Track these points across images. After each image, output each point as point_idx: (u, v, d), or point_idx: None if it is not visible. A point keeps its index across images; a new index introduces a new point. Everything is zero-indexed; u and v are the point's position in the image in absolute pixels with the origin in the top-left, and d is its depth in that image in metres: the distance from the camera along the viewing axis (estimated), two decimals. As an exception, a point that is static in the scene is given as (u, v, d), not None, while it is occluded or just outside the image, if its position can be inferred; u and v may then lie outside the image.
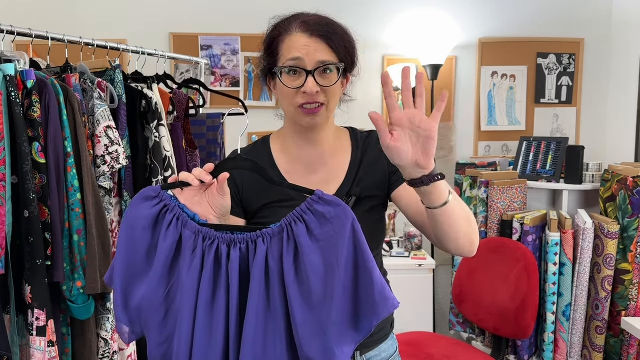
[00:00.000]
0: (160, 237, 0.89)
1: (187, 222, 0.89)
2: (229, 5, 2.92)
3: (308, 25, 1.02)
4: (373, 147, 1.14)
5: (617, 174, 2.25)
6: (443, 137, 3.09)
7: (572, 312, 2.31)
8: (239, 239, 0.87)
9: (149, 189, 0.92)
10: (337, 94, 1.07)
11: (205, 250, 0.87)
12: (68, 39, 1.69)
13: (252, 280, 0.84)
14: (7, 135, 1.29)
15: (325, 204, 0.84)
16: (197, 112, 2.29)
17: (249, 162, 0.94)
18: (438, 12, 2.99)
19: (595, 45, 3.08)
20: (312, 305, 0.82)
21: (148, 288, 0.89)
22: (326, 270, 0.82)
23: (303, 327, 0.82)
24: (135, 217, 0.90)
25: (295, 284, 0.83)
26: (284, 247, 0.85)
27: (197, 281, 0.86)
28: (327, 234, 0.83)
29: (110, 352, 1.58)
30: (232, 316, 0.85)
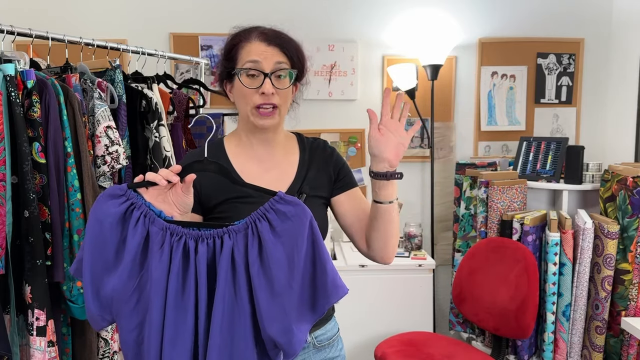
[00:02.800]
0: (128, 233, 0.95)
1: (154, 219, 0.95)
2: (229, 5, 2.92)
3: (266, 35, 1.14)
4: (321, 152, 1.27)
5: (617, 174, 2.25)
6: (443, 137, 3.09)
7: (572, 312, 2.31)
8: (206, 234, 0.95)
9: (115, 187, 0.96)
10: (289, 98, 1.19)
11: (173, 245, 0.94)
12: (68, 39, 1.69)
13: (219, 271, 0.93)
14: (7, 135, 1.29)
15: (286, 204, 0.94)
16: (197, 112, 2.29)
17: (215, 165, 1.03)
18: (438, 12, 2.99)
19: (595, 45, 3.08)
20: (274, 292, 0.92)
21: (118, 280, 0.94)
22: (287, 262, 0.93)
23: (266, 311, 0.92)
24: (103, 214, 0.95)
25: (259, 275, 0.92)
26: (249, 242, 0.94)
27: (166, 273, 0.93)
28: (288, 230, 0.93)
29: (110, 352, 1.58)
30: (201, 303, 0.93)
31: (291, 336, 0.93)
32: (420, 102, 2.97)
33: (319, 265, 0.95)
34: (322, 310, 0.97)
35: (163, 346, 0.92)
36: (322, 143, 1.31)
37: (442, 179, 3.10)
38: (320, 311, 0.97)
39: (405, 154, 3.05)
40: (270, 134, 1.21)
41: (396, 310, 2.63)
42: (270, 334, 0.93)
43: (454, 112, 3.10)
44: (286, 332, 0.93)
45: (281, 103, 1.15)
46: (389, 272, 2.63)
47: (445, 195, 3.11)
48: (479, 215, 2.58)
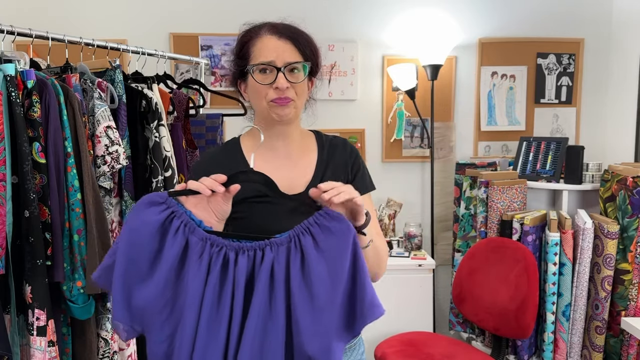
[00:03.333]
0: (167, 242, 0.92)
1: (194, 229, 0.93)
2: (229, 5, 2.92)
3: (276, 29, 1.13)
4: (340, 151, 1.23)
5: (617, 174, 2.25)
6: (443, 137, 3.09)
7: (571, 312, 2.31)
8: (247, 246, 0.93)
9: (155, 194, 0.95)
10: (304, 93, 1.16)
11: (213, 256, 0.92)
12: (68, 39, 1.69)
13: (258, 283, 0.91)
14: (7, 135, 1.29)
15: (330, 219, 0.93)
16: (197, 112, 2.29)
17: (260, 176, 1.00)
18: (438, 12, 2.99)
19: (595, 45, 3.08)
20: (315, 308, 0.90)
21: (154, 290, 0.92)
22: (330, 278, 0.91)
23: (306, 328, 0.89)
24: (141, 222, 0.92)
25: (301, 290, 0.90)
26: (292, 255, 0.92)
27: (203, 284, 0.91)
28: (331, 246, 0.92)
29: (110, 352, 1.58)
30: (236, 316, 0.91)
31: (330, 355, 0.91)
32: (420, 102, 2.97)
33: (359, 283, 0.93)
34: (358, 330, 0.94)
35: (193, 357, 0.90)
36: (342, 141, 1.27)
37: (442, 179, 3.10)
38: (357, 331, 0.94)
39: (405, 154, 3.07)
40: (287, 127, 1.17)
41: (396, 310, 2.63)
42: (309, 351, 0.90)
43: (454, 112, 3.10)
44: (326, 351, 0.90)
45: (297, 97, 1.12)
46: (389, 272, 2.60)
47: (445, 195, 3.11)
48: (479, 215, 2.58)
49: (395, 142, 3.06)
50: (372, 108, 3.04)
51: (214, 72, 2.94)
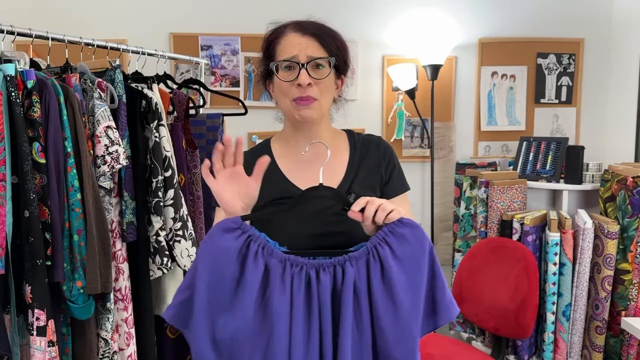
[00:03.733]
0: (248, 267, 0.91)
1: (272, 251, 0.93)
2: (229, 5, 2.92)
3: (301, 26, 1.12)
4: (374, 150, 1.20)
5: (617, 174, 2.25)
6: (443, 137, 3.09)
7: (572, 312, 2.31)
8: (327, 263, 0.93)
9: (227, 220, 0.94)
10: (330, 90, 1.13)
11: (294, 276, 0.92)
12: (68, 39, 1.69)
13: (344, 301, 0.91)
14: (7, 135, 1.29)
15: (404, 226, 0.94)
16: (197, 112, 2.29)
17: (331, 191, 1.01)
18: (438, 12, 2.99)
19: (595, 45, 3.08)
20: (399, 317, 0.91)
21: (240, 319, 0.90)
22: (410, 286, 0.92)
23: (392, 335, 0.91)
24: (219, 250, 0.92)
25: (384, 300, 0.91)
26: (371, 268, 0.92)
27: (289, 306, 0.91)
28: (408, 253, 0.93)
29: (110, 352, 1.58)
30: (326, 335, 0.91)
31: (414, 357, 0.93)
32: (420, 102, 2.96)
33: (439, 286, 0.96)
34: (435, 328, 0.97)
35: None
36: (376, 140, 1.24)
37: (442, 179, 3.10)
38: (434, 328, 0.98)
39: (405, 154, 3.07)
40: (314, 128, 1.15)
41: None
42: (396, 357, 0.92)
43: (454, 112, 3.10)
44: (411, 354, 0.92)
45: (320, 95, 1.09)
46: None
47: (445, 195, 3.11)
48: (479, 215, 2.58)
49: (395, 142, 3.06)
50: (372, 108, 3.04)
51: (214, 72, 2.94)
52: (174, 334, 1.98)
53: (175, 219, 1.75)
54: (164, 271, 1.72)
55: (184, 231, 1.76)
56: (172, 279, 1.82)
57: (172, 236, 1.75)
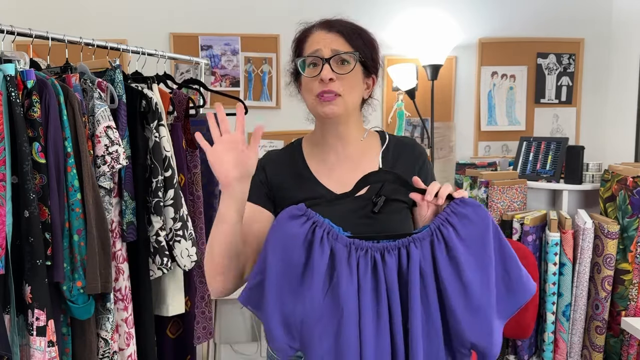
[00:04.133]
0: (315, 252, 0.93)
1: (337, 236, 0.94)
2: (229, 5, 2.92)
3: (328, 24, 1.12)
4: (409, 153, 1.18)
5: (617, 174, 2.25)
6: (443, 137, 3.09)
7: (572, 312, 2.31)
8: (391, 246, 0.94)
9: (292, 208, 0.96)
10: (355, 87, 1.11)
11: (360, 259, 0.93)
12: (68, 39, 1.69)
13: (412, 283, 0.92)
14: (7, 135, 1.29)
15: (465, 205, 0.94)
16: (197, 112, 2.29)
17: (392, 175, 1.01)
18: (438, 12, 2.99)
19: (595, 45, 3.08)
20: (469, 296, 0.91)
21: (310, 302, 0.92)
22: (478, 264, 0.92)
23: (464, 316, 0.91)
24: (287, 236, 0.94)
25: (451, 280, 0.91)
26: (436, 249, 0.92)
27: (357, 289, 0.92)
28: (472, 232, 0.93)
29: (110, 352, 1.58)
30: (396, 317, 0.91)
31: (491, 338, 0.92)
32: (420, 102, 2.96)
33: (509, 262, 0.95)
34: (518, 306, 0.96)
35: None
36: (411, 142, 1.22)
37: (442, 179, 3.10)
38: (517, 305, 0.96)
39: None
40: (342, 127, 1.13)
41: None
42: (471, 339, 0.92)
43: (454, 112, 3.10)
44: (487, 336, 0.92)
45: (344, 90, 1.07)
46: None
47: (445, 195, 3.10)
48: (479, 215, 2.58)
49: (395, 142, 3.05)
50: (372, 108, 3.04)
51: (214, 72, 2.94)
52: (174, 334, 1.98)
53: (175, 219, 1.75)
54: (164, 271, 1.72)
55: (184, 231, 1.76)
56: (172, 279, 1.82)
57: (172, 236, 1.75)
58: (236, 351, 3.07)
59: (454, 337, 0.93)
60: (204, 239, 2.01)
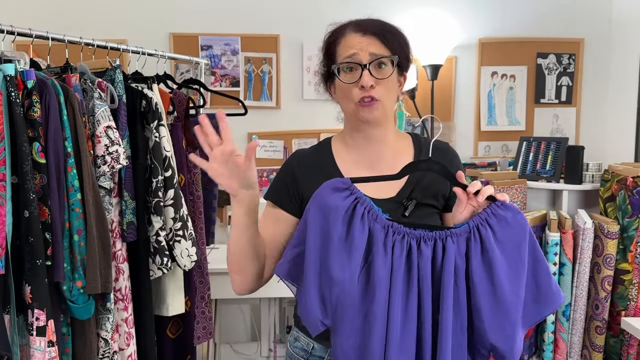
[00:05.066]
0: (355, 228, 0.92)
1: (377, 216, 0.94)
2: (229, 5, 2.92)
3: (361, 26, 1.10)
4: (441, 156, 1.13)
5: (617, 174, 2.25)
6: (443, 137, 3.09)
7: (571, 312, 2.31)
8: (428, 235, 0.93)
9: (337, 180, 0.95)
10: (393, 89, 1.10)
11: (395, 243, 0.92)
12: (68, 39, 1.69)
13: (445, 275, 0.91)
14: (7, 135, 1.29)
15: (506, 209, 0.95)
16: (197, 112, 2.29)
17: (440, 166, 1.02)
18: (438, 12, 2.99)
19: (595, 45, 3.08)
20: (498, 299, 0.91)
21: (348, 278, 0.91)
22: (510, 269, 0.92)
23: (490, 318, 0.91)
24: (328, 207, 0.92)
25: (483, 281, 0.91)
26: (472, 247, 0.92)
27: (390, 272, 0.91)
28: (509, 237, 0.93)
29: (110, 352, 1.58)
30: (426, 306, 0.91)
31: (513, 344, 0.92)
32: (420, 102, 2.96)
33: (542, 272, 0.95)
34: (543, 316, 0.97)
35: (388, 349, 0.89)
36: (445, 146, 1.19)
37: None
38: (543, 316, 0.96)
39: (405, 154, 3.06)
40: (376, 130, 1.12)
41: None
42: (492, 341, 0.91)
43: (454, 112, 3.10)
44: (509, 340, 0.92)
45: (384, 95, 1.06)
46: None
47: (445, 195, 3.11)
48: (479, 215, 2.58)
49: (395, 142, 3.05)
50: (372, 108, 3.04)
51: (214, 72, 2.94)
52: (174, 334, 1.98)
53: (175, 219, 1.75)
54: (164, 271, 1.72)
55: (184, 231, 1.77)
56: (172, 279, 1.82)
57: (172, 236, 1.75)
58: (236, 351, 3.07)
59: (476, 337, 0.93)
60: (204, 239, 2.01)
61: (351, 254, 0.91)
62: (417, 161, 1.02)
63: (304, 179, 1.12)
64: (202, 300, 2.06)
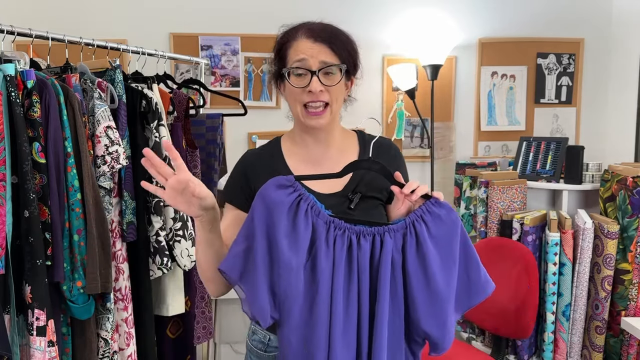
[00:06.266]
0: (299, 224, 0.97)
1: (319, 212, 0.99)
2: (229, 5, 2.92)
3: (312, 32, 1.12)
4: (384, 153, 1.20)
5: (617, 174, 2.25)
6: (443, 137, 3.09)
7: (571, 312, 2.31)
8: (367, 231, 0.99)
9: (281, 178, 1.00)
10: (341, 95, 1.15)
11: (337, 238, 0.98)
12: (68, 39, 1.69)
13: (383, 269, 0.97)
14: (7, 135, 1.30)
15: (440, 207, 1.01)
16: (197, 112, 2.29)
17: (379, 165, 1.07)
18: (438, 12, 2.99)
19: (595, 45, 3.08)
20: (432, 290, 0.98)
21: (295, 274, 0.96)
22: (443, 262, 0.99)
23: (424, 308, 0.98)
24: (272, 202, 0.97)
25: (418, 274, 0.98)
26: (407, 241, 0.99)
27: (332, 265, 0.97)
28: (443, 232, 0.99)
29: (110, 352, 1.58)
30: (364, 297, 0.97)
31: (445, 331, 0.99)
32: (420, 102, 2.96)
33: (472, 264, 1.02)
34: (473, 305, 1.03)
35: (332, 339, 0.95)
36: (387, 143, 1.26)
37: (442, 179, 3.10)
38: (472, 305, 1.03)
39: (405, 154, 3.05)
40: (323, 133, 1.18)
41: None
42: (425, 328, 0.98)
43: (454, 112, 3.10)
44: (441, 327, 0.99)
45: (332, 100, 1.12)
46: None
47: (445, 195, 3.09)
48: (479, 215, 2.58)
49: (395, 142, 3.05)
50: (372, 108, 3.04)
51: (214, 72, 2.94)
52: (174, 334, 1.98)
53: (175, 219, 1.75)
54: (164, 271, 1.72)
55: (184, 231, 1.77)
56: (172, 279, 1.82)
57: (172, 236, 1.75)
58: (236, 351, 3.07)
59: (412, 325, 1.00)
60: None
61: (297, 247, 0.96)
62: (359, 160, 1.09)
63: (256, 177, 1.15)
64: (202, 300, 2.06)
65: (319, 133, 1.17)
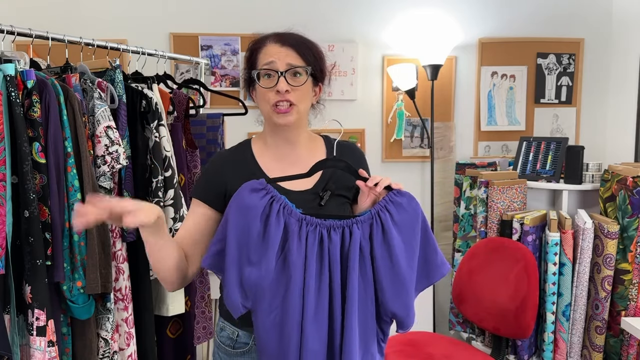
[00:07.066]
0: (271, 224, 1.05)
1: (291, 211, 1.07)
2: (229, 5, 2.92)
3: (281, 37, 1.20)
4: (350, 154, 1.30)
5: (617, 174, 2.25)
6: (443, 137, 3.09)
7: (571, 312, 2.31)
8: (337, 224, 1.08)
9: (254, 182, 1.09)
10: (307, 96, 1.22)
11: (309, 233, 1.07)
12: (68, 39, 1.69)
13: (352, 258, 1.06)
14: (7, 135, 1.30)
15: (401, 196, 1.10)
16: (197, 112, 2.29)
17: (344, 163, 1.17)
18: (438, 12, 2.99)
19: (595, 45, 3.08)
20: (396, 273, 1.07)
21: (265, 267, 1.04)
22: (406, 247, 1.08)
23: (390, 290, 1.07)
24: (246, 207, 1.06)
25: (384, 259, 1.06)
26: (374, 231, 1.07)
27: (304, 258, 1.05)
28: (405, 219, 1.09)
29: (110, 352, 1.58)
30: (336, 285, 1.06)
31: (409, 310, 1.09)
32: (420, 102, 2.96)
33: (430, 248, 1.12)
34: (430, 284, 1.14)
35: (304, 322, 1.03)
36: (351, 145, 1.35)
37: (442, 179, 3.10)
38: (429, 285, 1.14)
39: (405, 154, 3.07)
40: (292, 133, 1.24)
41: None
42: (393, 309, 1.08)
43: (454, 112, 3.10)
44: (406, 307, 1.08)
45: (298, 100, 1.18)
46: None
47: (445, 195, 3.11)
48: (479, 215, 2.58)
49: (395, 142, 3.06)
50: (372, 108, 3.04)
51: (214, 72, 2.94)
52: (174, 334, 1.98)
53: (175, 219, 1.75)
54: (164, 271, 1.71)
55: (184, 231, 1.76)
56: (172, 279, 1.82)
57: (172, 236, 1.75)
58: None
59: (380, 307, 1.08)
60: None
61: (268, 246, 1.04)
62: (325, 159, 1.19)
63: (228, 176, 1.21)
64: (202, 300, 2.06)
65: (288, 133, 1.23)
